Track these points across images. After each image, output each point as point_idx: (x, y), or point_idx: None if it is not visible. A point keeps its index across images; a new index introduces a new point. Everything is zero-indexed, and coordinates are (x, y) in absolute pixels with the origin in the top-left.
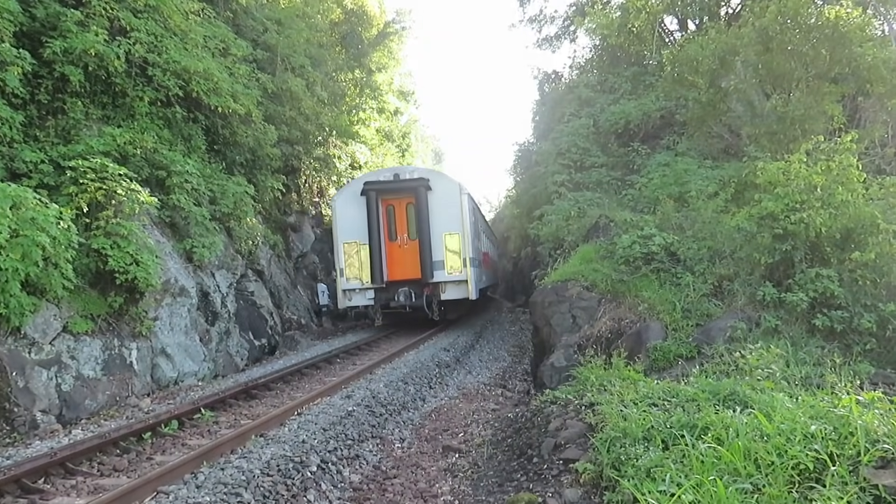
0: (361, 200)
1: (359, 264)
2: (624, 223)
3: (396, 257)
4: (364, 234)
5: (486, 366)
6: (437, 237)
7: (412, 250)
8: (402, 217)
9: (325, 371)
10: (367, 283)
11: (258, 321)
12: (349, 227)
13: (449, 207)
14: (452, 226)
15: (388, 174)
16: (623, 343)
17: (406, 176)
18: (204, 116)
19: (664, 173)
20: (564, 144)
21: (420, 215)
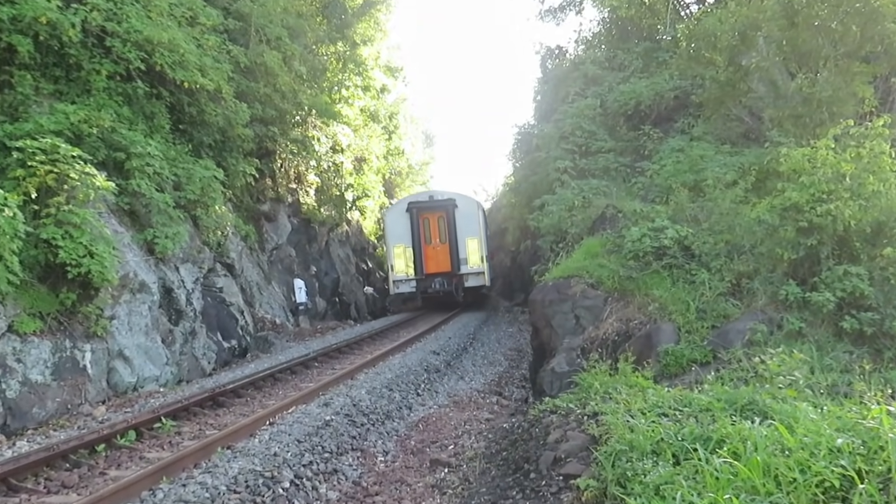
0: (405, 215)
1: (404, 262)
2: (633, 214)
3: (431, 256)
4: (408, 239)
5: (480, 371)
6: (461, 241)
7: (444, 251)
8: (434, 227)
9: (302, 376)
10: (410, 275)
11: (227, 320)
12: (397, 234)
13: (470, 219)
14: (473, 232)
15: (425, 196)
16: (631, 346)
17: (438, 197)
18: (168, 93)
19: (678, 159)
20: (568, 127)
21: (449, 225)
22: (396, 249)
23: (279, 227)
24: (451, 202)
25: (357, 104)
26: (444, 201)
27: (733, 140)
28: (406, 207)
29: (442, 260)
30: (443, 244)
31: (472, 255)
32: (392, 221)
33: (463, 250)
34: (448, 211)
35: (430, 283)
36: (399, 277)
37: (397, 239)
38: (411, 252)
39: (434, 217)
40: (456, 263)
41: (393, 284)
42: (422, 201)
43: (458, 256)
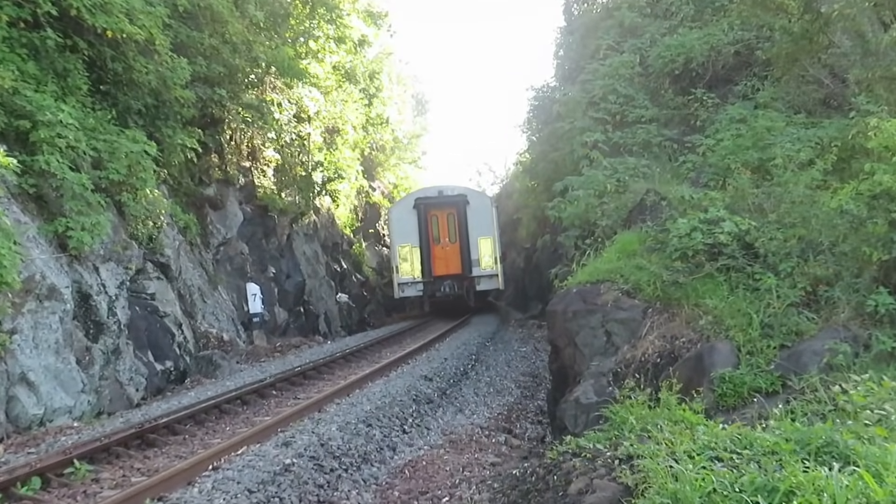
0: (412, 212)
1: (410, 263)
2: (681, 202)
3: (440, 257)
4: (415, 238)
5: (483, 401)
6: (473, 240)
7: (453, 251)
8: (444, 225)
9: (255, 407)
10: (417, 277)
11: (161, 336)
12: (403, 232)
13: (483, 216)
14: (485, 231)
15: (433, 191)
16: (677, 371)
17: (448, 192)
18: (87, 44)
19: (738, 133)
20: (599, 90)
21: (460, 223)
22: (402, 249)
23: (228, 217)
24: (462, 198)
25: (329, 60)
26: (454, 197)
27: (809, 108)
28: (413, 203)
29: (451, 261)
30: (452, 244)
31: (484, 256)
32: (397, 219)
33: (475, 251)
34: (459, 207)
35: (439, 286)
36: (405, 280)
37: (403, 238)
38: (418, 252)
39: (443, 214)
40: (467, 265)
41: (398, 287)
42: (430, 197)
43: (469, 257)
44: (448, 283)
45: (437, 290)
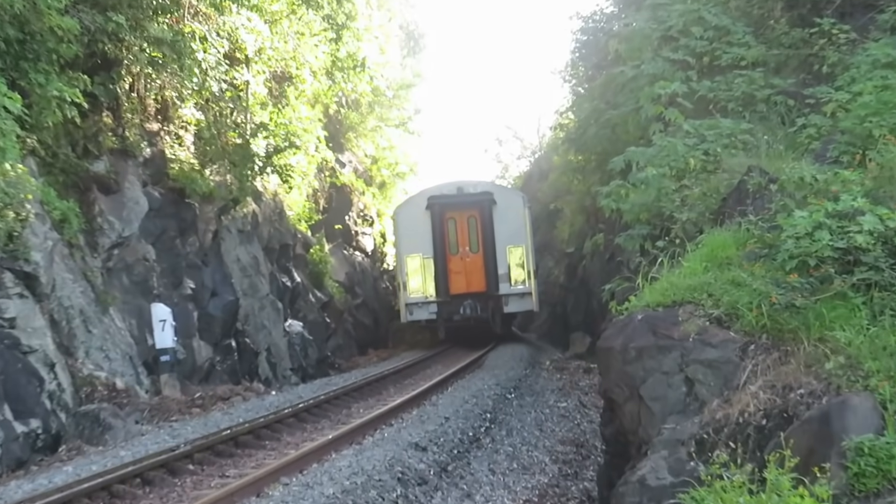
0: (425, 214)
1: (422, 278)
2: (798, 186)
3: (459, 270)
4: (428, 247)
5: (503, 482)
6: (501, 250)
7: (475, 263)
8: (463, 230)
9: (163, 490)
10: (430, 296)
11: (24, 382)
12: (412, 240)
13: (513, 221)
14: (516, 238)
15: (451, 189)
16: (791, 438)
17: (471, 190)
18: None
19: (885, 83)
20: (677, 20)
21: (484, 229)
22: (411, 261)
23: (126, 206)
24: (487, 197)
25: None
26: (476, 195)
27: None
28: (425, 204)
29: (473, 276)
30: (474, 254)
31: (514, 269)
32: (406, 222)
33: (503, 263)
34: (483, 209)
35: (457, 308)
36: (414, 299)
37: (412, 247)
38: (432, 265)
39: (463, 217)
40: (493, 280)
41: (405, 309)
42: (447, 195)
43: (495, 271)
44: (468, 304)
45: (454, 313)
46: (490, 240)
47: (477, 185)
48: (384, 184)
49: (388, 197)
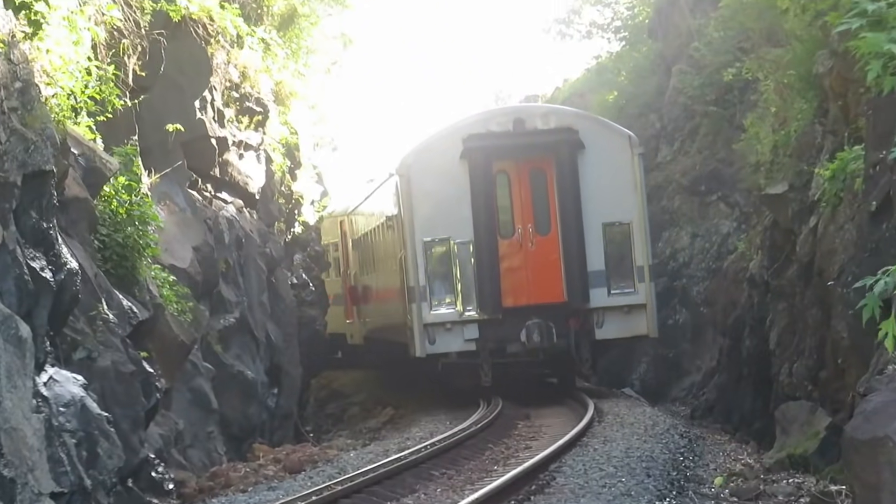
0: (458, 168)
1: (452, 280)
2: None
3: (517, 267)
4: (463, 226)
5: None
6: (593, 231)
7: (545, 254)
8: (524, 194)
9: None
10: (467, 312)
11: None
12: (435, 214)
13: (614, 178)
14: (620, 210)
15: (503, 119)
16: None
17: (538, 124)
18: None
19: None
20: None
21: (564, 192)
22: (434, 251)
23: None
24: (569, 136)
25: None
26: (549, 134)
27: None
28: (459, 148)
29: (543, 276)
30: (544, 237)
31: (617, 263)
32: (422, 183)
33: (595, 252)
34: (560, 156)
35: (515, 332)
36: (439, 318)
37: (433, 227)
38: (470, 258)
39: (525, 171)
40: (577, 283)
41: (421, 335)
42: (496, 133)
43: (582, 267)
44: (535, 325)
45: (509, 340)
46: (573, 211)
47: (549, 114)
48: (292, 17)
49: (300, 57)
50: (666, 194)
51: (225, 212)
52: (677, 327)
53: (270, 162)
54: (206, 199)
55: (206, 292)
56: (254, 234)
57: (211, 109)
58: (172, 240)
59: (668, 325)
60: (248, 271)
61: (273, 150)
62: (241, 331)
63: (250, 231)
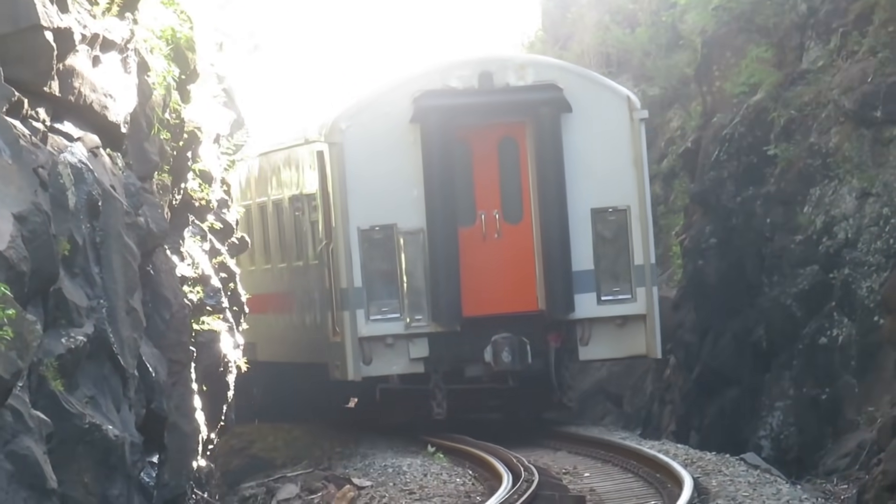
0: (407, 134)
1: (397, 281)
2: None
3: (481, 265)
4: (412, 211)
5: None
6: (579, 218)
7: (516, 248)
8: (491, 170)
9: None
10: (417, 322)
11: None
12: (375, 195)
13: (607, 150)
14: (614, 192)
15: (467, 72)
16: None
17: (511, 79)
18: None
19: None
20: None
21: (544, 168)
22: (368, 242)
23: None
24: (550, 95)
25: None
26: (525, 93)
27: None
28: (409, 109)
29: (514, 275)
30: (515, 226)
31: (609, 261)
32: (359, 153)
33: (584, 247)
34: (539, 121)
35: (477, 349)
36: (377, 329)
37: (373, 211)
38: (421, 251)
39: (491, 140)
40: (560, 288)
41: (353, 351)
42: (457, 91)
43: (565, 265)
44: (503, 342)
45: (468, 361)
46: (554, 193)
47: (525, 65)
48: None
49: None
50: (816, 125)
51: (69, 155)
52: (835, 349)
53: (146, 70)
54: (38, 135)
55: (37, 292)
56: (118, 194)
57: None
58: None
59: (817, 347)
60: (109, 256)
61: (151, 50)
62: (98, 357)
63: (112, 188)
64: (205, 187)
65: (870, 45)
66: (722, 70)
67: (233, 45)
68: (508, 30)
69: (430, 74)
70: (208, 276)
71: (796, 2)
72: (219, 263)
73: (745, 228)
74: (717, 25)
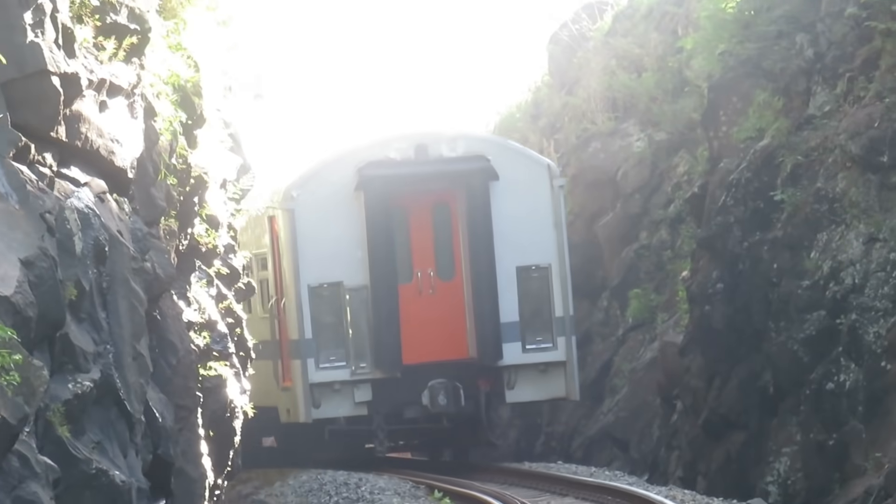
0: (352, 201)
1: (343, 332)
2: None
3: (419, 318)
4: (357, 269)
5: None
6: (506, 275)
7: (449, 302)
8: (425, 233)
9: None
10: (361, 368)
11: None
12: (324, 255)
13: (530, 214)
14: (537, 251)
15: (404, 145)
16: None
17: (444, 151)
18: None
19: None
20: None
21: (474, 230)
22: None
23: None
24: (479, 165)
25: None
26: (457, 164)
27: None
28: (354, 180)
29: (448, 328)
30: (448, 282)
31: (533, 314)
32: (309, 219)
33: (510, 301)
34: (470, 189)
35: (415, 393)
36: (326, 376)
37: (322, 269)
38: (365, 306)
39: (426, 205)
40: (489, 337)
41: (304, 396)
42: (396, 162)
43: (493, 318)
44: (439, 386)
45: (407, 404)
46: (484, 253)
47: (456, 139)
48: None
49: None
50: (823, 170)
51: (76, 200)
52: (842, 395)
53: (152, 115)
54: (45, 180)
55: (43, 337)
56: (125, 239)
57: (52, 26)
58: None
59: (824, 392)
60: (116, 301)
61: (157, 95)
62: (104, 402)
63: (119, 233)
64: (211, 232)
65: (876, 90)
66: (728, 115)
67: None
68: (515, 75)
69: (372, 147)
70: (215, 322)
71: (803, 47)
72: (225, 309)
73: (751, 273)
74: (723, 71)
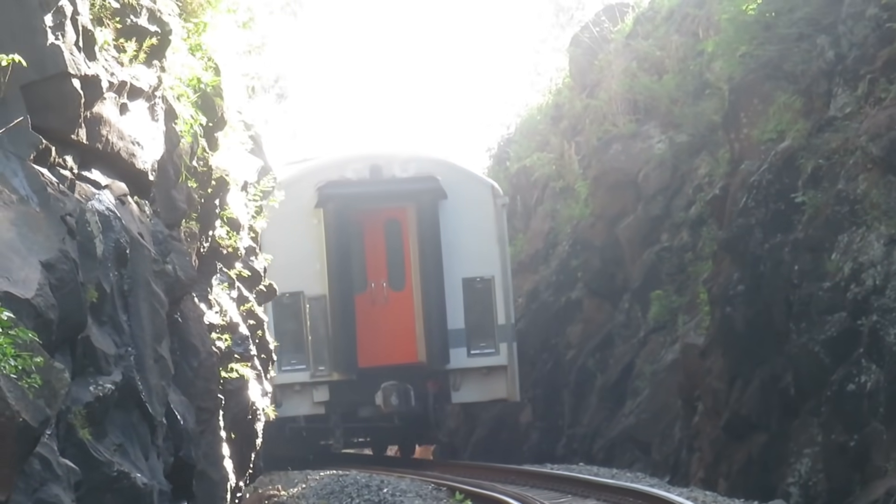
0: (312, 217)
1: (302, 338)
2: None
3: (373, 324)
4: (316, 280)
5: None
6: (453, 286)
7: (401, 310)
8: (378, 247)
9: None
10: (321, 371)
11: None
12: (285, 267)
13: (476, 230)
14: (481, 264)
15: (360, 167)
16: None
17: (397, 172)
18: None
19: None
20: None
21: (424, 244)
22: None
23: None
24: (429, 185)
25: None
26: (408, 183)
27: None
28: (313, 197)
29: (399, 334)
30: (399, 292)
31: (477, 321)
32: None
33: (456, 309)
34: (420, 207)
35: (369, 395)
36: (288, 378)
37: (283, 280)
38: (324, 313)
39: (379, 222)
40: (437, 343)
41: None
42: (352, 182)
43: (441, 325)
44: (391, 388)
45: (362, 404)
46: (432, 265)
47: (408, 161)
48: None
49: None
50: (843, 172)
51: (97, 203)
52: (863, 396)
53: (173, 118)
54: (65, 182)
55: (64, 339)
56: (146, 241)
57: (72, 28)
58: (7, 250)
59: (846, 393)
60: (137, 304)
61: (178, 97)
62: (126, 405)
63: (140, 235)
64: (233, 235)
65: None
66: (749, 117)
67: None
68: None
69: (330, 167)
70: (236, 324)
71: (823, 49)
72: (247, 311)
73: (772, 275)
74: (744, 73)
